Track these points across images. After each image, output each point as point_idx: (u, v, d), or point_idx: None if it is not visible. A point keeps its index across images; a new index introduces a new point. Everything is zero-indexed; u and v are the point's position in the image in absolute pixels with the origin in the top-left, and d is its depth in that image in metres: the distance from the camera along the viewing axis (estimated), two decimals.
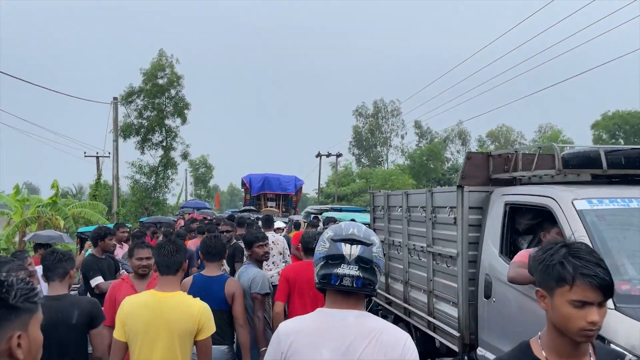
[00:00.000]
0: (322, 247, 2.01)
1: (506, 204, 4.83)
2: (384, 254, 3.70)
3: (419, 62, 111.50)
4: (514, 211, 4.84)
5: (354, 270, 1.92)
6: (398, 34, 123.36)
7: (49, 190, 23.34)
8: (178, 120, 34.23)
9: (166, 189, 34.74)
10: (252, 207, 29.10)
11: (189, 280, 4.39)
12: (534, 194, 4.54)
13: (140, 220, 20.09)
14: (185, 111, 34.23)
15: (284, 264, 7.82)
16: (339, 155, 39.38)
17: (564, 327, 1.70)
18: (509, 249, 4.80)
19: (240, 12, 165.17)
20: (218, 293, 4.12)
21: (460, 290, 5.21)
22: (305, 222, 17.04)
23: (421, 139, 60.73)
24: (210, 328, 3.26)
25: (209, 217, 24.09)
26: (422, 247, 6.24)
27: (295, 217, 22.80)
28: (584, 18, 18.15)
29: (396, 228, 7.13)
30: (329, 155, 38.52)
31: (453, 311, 5.43)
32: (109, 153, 33.80)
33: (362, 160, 62.30)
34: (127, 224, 20.63)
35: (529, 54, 23.42)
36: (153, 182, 34.28)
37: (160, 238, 12.63)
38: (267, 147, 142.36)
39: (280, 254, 8.18)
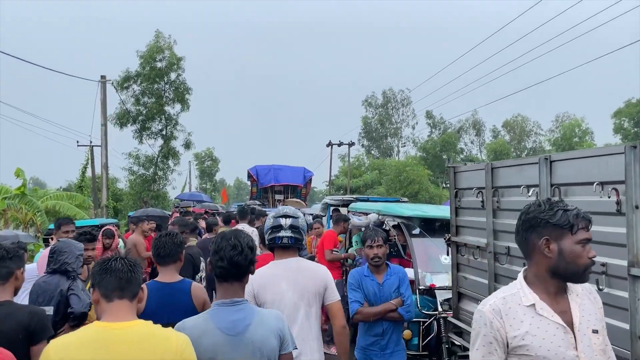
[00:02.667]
0: (269, 222, 3.24)
1: None
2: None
3: (430, 49, 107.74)
4: None
5: (288, 233, 3.15)
6: (406, 20, 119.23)
7: (55, 184, 20.38)
8: (179, 107, 31.16)
9: (167, 181, 31.61)
10: (256, 202, 26.20)
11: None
12: None
13: (129, 214, 16.95)
14: (187, 97, 31.09)
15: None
16: (351, 145, 36.07)
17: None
18: None
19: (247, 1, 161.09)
20: (186, 302, 3.33)
21: None
22: (324, 216, 13.86)
23: (433, 129, 57.36)
24: None
25: (211, 210, 21.18)
26: (603, 264, 2.99)
27: (306, 211, 19.68)
28: None
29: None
30: (340, 144, 35.23)
31: None
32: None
33: (372, 152, 59.08)
34: (112, 220, 17.53)
35: (544, 38, 20.39)
36: (152, 174, 31.18)
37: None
38: (274, 139, 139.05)
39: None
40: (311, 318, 3.09)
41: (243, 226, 8.30)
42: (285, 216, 3.16)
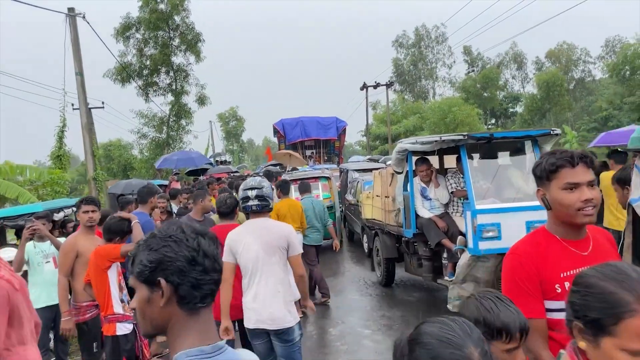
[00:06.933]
0: (240, 193, 3.72)
1: None
2: None
3: None
4: None
5: (255, 202, 3.62)
6: None
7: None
8: (192, 59, 25.31)
9: (182, 144, 26.04)
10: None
11: None
12: None
13: (109, 192, 11.43)
14: (199, 45, 25.10)
15: None
16: (390, 85, 29.68)
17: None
18: None
19: None
20: None
21: None
22: (400, 173, 7.93)
23: (471, 67, 50.04)
24: None
25: (229, 174, 15.74)
26: None
27: (350, 166, 13.85)
28: None
29: None
30: (377, 85, 28.91)
31: None
32: (103, 103, 25.30)
33: (406, 96, 52.29)
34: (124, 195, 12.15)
35: None
36: (165, 136, 25.66)
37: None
38: (299, 90, 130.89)
39: None
40: (273, 265, 3.52)
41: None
42: (252, 188, 3.66)
